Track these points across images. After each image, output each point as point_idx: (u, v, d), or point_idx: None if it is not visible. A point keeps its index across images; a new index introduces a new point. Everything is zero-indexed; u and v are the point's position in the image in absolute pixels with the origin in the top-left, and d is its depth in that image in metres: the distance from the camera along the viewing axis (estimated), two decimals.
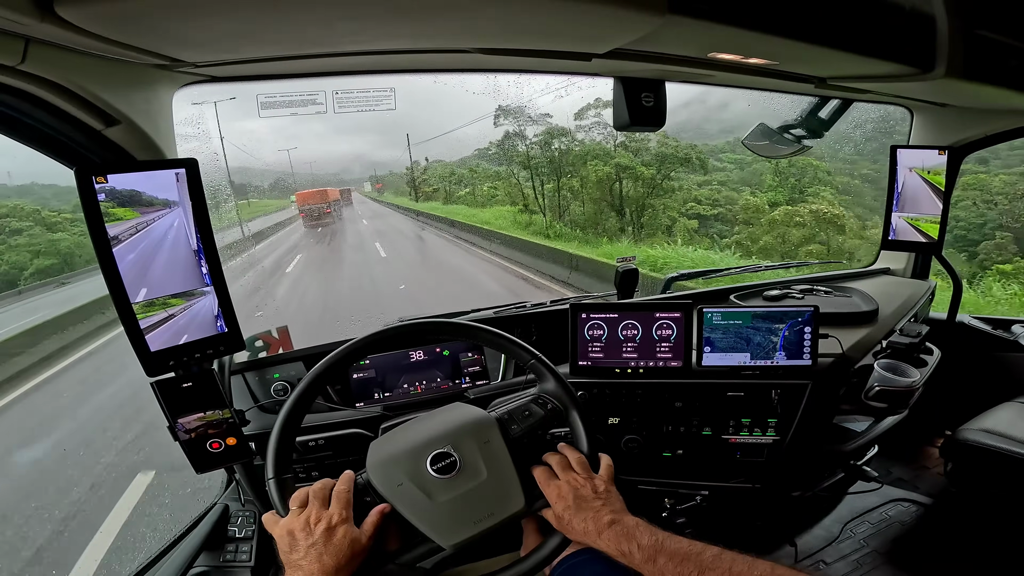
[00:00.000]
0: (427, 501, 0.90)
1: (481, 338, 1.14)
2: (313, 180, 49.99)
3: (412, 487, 0.91)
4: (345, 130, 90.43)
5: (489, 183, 22.48)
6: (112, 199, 0.93)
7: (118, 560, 3.13)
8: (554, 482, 0.96)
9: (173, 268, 1.03)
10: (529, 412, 1.05)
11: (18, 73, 0.73)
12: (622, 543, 0.85)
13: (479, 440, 0.99)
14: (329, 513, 0.84)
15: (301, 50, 1.01)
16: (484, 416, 1.04)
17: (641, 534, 0.85)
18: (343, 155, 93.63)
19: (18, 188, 23.35)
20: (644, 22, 0.87)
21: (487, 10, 0.84)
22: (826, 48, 1.07)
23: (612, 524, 0.88)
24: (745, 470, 1.51)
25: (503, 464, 0.96)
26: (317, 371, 1.02)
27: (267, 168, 44.76)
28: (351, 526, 0.84)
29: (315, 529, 0.82)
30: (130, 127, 0.95)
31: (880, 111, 2.07)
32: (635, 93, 1.37)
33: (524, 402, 1.07)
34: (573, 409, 1.06)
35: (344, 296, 9.69)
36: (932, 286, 2.06)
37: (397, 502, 0.90)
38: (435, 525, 0.88)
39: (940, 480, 2.19)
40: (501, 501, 0.93)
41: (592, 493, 0.93)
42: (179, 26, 0.75)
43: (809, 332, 1.39)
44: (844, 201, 17.35)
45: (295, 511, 0.86)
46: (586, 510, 0.90)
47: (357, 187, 56.97)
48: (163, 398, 1.05)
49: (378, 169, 57.63)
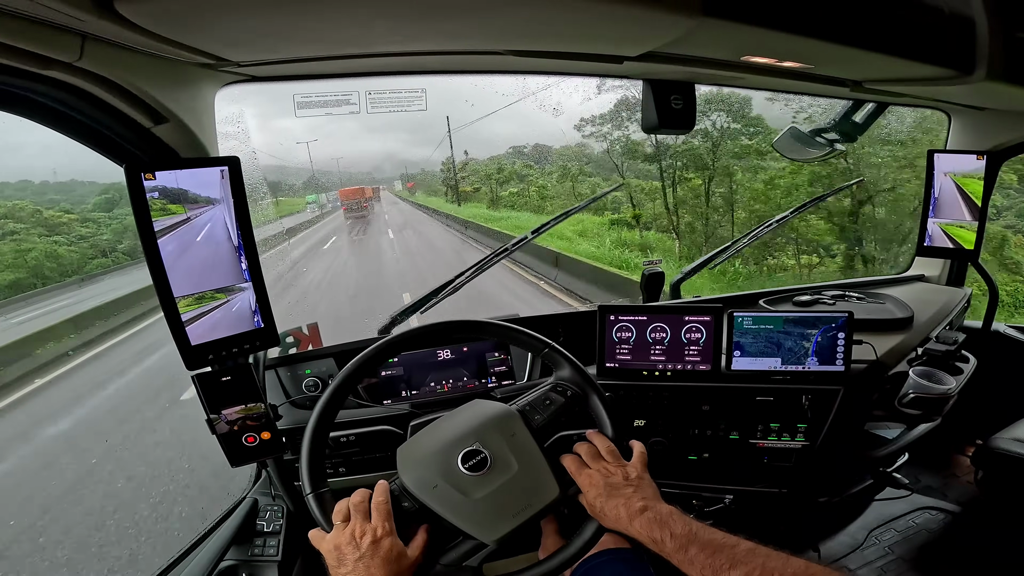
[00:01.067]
0: (464, 499, 0.90)
1: (492, 332, 1.15)
2: (347, 179, 50.59)
3: (447, 487, 0.92)
4: (377, 129, 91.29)
5: (547, 181, 19.93)
6: (161, 196, 0.96)
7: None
8: (585, 471, 0.96)
9: (215, 264, 1.05)
10: (549, 400, 1.05)
11: (75, 69, 0.75)
12: (654, 530, 0.83)
13: (505, 434, 0.99)
14: (373, 526, 0.85)
15: (337, 50, 1.03)
16: (506, 409, 1.04)
17: (675, 522, 0.84)
18: (375, 154, 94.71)
19: (59, 185, 23.80)
20: (678, 24, 0.87)
21: (523, 11, 0.85)
22: (862, 50, 1.05)
23: (644, 511, 0.86)
24: (772, 475, 1.49)
25: (532, 455, 0.97)
26: (344, 375, 1.03)
27: (301, 167, 45.41)
28: (396, 538, 0.84)
29: (361, 543, 0.82)
30: (177, 125, 0.98)
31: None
32: (664, 95, 1.36)
33: (543, 391, 1.08)
34: (593, 394, 1.06)
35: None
36: (968, 294, 2.02)
37: (435, 504, 0.90)
38: (476, 522, 0.88)
39: (970, 488, 2.15)
40: (536, 491, 0.93)
41: (623, 480, 0.93)
42: (226, 25, 0.77)
43: (843, 338, 1.37)
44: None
45: (339, 525, 0.86)
46: (617, 497, 0.89)
47: (388, 186, 57.63)
48: (203, 391, 1.08)
49: (409, 168, 57.19)
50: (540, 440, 0.99)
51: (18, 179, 25.50)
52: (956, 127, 1.96)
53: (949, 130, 1.98)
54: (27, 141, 39.20)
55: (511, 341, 1.16)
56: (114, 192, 21.44)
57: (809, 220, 12.05)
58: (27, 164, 31.16)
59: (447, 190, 31.60)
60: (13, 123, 2.72)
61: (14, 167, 24.16)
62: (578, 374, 1.08)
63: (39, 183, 25.08)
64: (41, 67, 0.68)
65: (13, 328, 9.69)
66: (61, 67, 0.71)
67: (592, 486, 0.93)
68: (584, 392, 1.07)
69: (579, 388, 1.07)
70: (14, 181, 26.11)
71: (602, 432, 1.04)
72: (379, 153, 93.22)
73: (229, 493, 1.54)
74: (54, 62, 0.69)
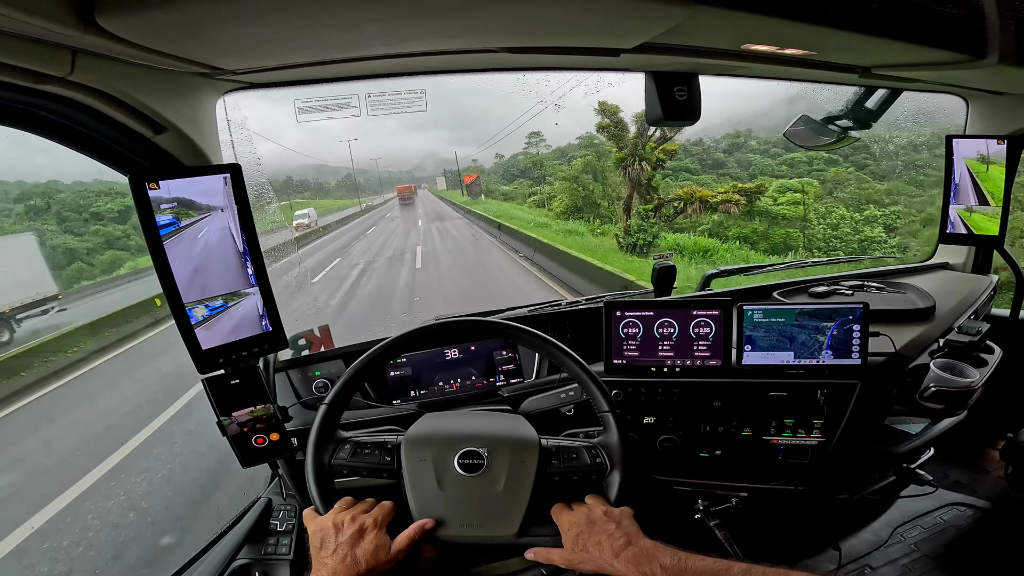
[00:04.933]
0: (435, 486, 0.93)
1: (559, 360, 1.09)
2: (386, 178, 51.14)
3: (430, 468, 0.94)
4: (418, 126, 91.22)
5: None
6: (166, 204, 0.98)
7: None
8: (566, 512, 0.94)
9: (221, 269, 1.07)
10: (576, 456, 1.01)
11: (68, 83, 0.77)
12: (643, 564, 0.81)
13: (515, 457, 0.98)
14: (364, 518, 0.86)
15: (332, 55, 1.03)
16: (532, 438, 1.03)
17: (662, 554, 0.82)
18: (415, 152, 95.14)
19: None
20: (671, 14, 0.85)
21: (511, 7, 0.84)
22: (869, 36, 1.02)
23: (628, 546, 0.84)
24: (787, 472, 1.46)
25: (521, 488, 0.95)
26: (365, 360, 1.06)
27: (340, 166, 46.02)
28: (382, 533, 0.85)
29: (346, 530, 0.84)
30: (177, 134, 1.00)
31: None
32: (667, 87, 1.34)
33: (576, 446, 1.03)
34: (618, 470, 1.00)
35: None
36: (994, 281, 1.94)
37: (407, 471, 0.93)
38: (423, 503, 0.91)
39: (1000, 484, 2.08)
40: (496, 520, 0.92)
41: (604, 515, 0.91)
42: (215, 34, 0.78)
43: (858, 330, 1.33)
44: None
45: (336, 508, 0.88)
46: (599, 533, 0.87)
47: (429, 184, 58.61)
48: (213, 394, 1.10)
49: (449, 167, 56.18)
50: (540, 483, 0.97)
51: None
52: (974, 112, 1.90)
53: (967, 116, 1.91)
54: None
55: (579, 381, 1.08)
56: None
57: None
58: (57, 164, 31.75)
59: (537, 193, 25.23)
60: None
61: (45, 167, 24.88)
62: (622, 448, 1.02)
63: (71, 182, 25.59)
64: (35, 82, 0.70)
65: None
66: (55, 81, 0.73)
67: (573, 524, 0.91)
68: (612, 465, 1.01)
69: (610, 460, 1.01)
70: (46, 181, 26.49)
71: (604, 495, 0.99)
72: (421, 152, 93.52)
73: (245, 493, 1.57)
74: (47, 76, 0.70)
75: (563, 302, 1.80)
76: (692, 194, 15.98)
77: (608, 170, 18.45)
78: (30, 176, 25.54)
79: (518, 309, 1.74)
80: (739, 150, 20.72)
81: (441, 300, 9.60)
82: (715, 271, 2.03)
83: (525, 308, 1.75)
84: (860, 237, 15.30)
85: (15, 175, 25.06)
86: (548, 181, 24.35)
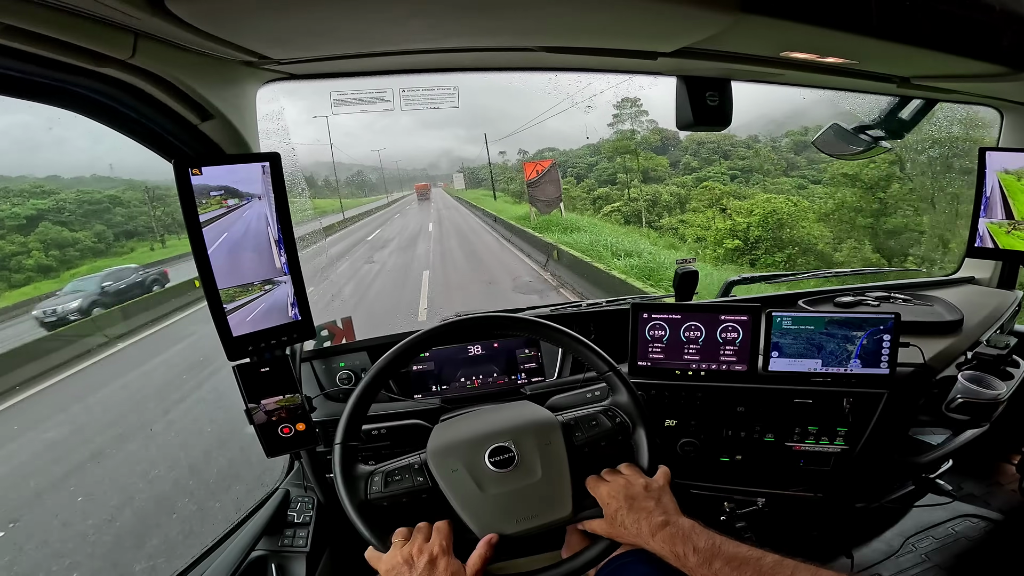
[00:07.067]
0: (477, 491, 0.91)
1: (558, 340, 1.12)
2: (393, 175, 52.43)
3: (466, 475, 0.93)
4: (432, 124, 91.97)
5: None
6: (208, 191, 0.99)
7: None
8: (604, 484, 0.94)
9: (256, 257, 1.07)
10: (596, 422, 1.03)
11: (128, 67, 0.78)
12: (677, 545, 0.82)
13: (541, 441, 0.98)
14: (430, 546, 0.85)
15: (372, 47, 1.04)
16: (550, 418, 1.03)
17: (697, 537, 0.82)
18: (430, 150, 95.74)
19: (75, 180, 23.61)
20: (715, 20, 0.85)
21: (558, 8, 0.84)
22: (910, 46, 1.02)
23: (665, 525, 0.85)
24: (807, 478, 1.45)
25: (559, 468, 0.96)
26: (386, 359, 1.05)
27: (354, 163, 46.75)
28: (452, 558, 0.85)
29: (418, 562, 0.83)
30: (222, 122, 1.01)
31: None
32: (699, 92, 1.34)
33: (593, 412, 1.05)
34: (641, 426, 1.03)
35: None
36: (1019, 297, 1.92)
37: (446, 486, 0.91)
38: (477, 515, 0.89)
39: (1014, 497, 2.05)
40: (548, 505, 0.92)
41: (644, 491, 0.91)
42: (269, 22, 0.80)
43: (888, 340, 1.32)
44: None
45: (397, 543, 0.87)
46: (638, 510, 0.88)
47: (444, 182, 59.25)
48: (242, 381, 1.10)
49: (466, 163, 55.69)
50: (573, 457, 0.98)
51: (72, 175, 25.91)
52: (1009, 124, 1.87)
53: (1001, 127, 1.89)
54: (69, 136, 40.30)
55: (576, 353, 1.13)
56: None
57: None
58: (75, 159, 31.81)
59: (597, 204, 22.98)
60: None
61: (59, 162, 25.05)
62: (635, 405, 1.04)
63: (89, 176, 25.68)
64: (96, 64, 0.71)
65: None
66: (115, 64, 0.74)
67: (612, 498, 0.91)
68: (633, 423, 1.03)
69: (630, 419, 1.03)
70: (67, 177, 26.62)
71: (636, 460, 1.01)
72: (436, 150, 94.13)
73: (263, 484, 1.57)
74: (108, 59, 0.71)
75: (584, 303, 1.80)
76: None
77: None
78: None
79: (540, 308, 1.74)
80: (807, 149, 20.06)
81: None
82: (736, 278, 2.02)
83: (547, 308, 1.75)
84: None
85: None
86: (661, 180, 19.60)
